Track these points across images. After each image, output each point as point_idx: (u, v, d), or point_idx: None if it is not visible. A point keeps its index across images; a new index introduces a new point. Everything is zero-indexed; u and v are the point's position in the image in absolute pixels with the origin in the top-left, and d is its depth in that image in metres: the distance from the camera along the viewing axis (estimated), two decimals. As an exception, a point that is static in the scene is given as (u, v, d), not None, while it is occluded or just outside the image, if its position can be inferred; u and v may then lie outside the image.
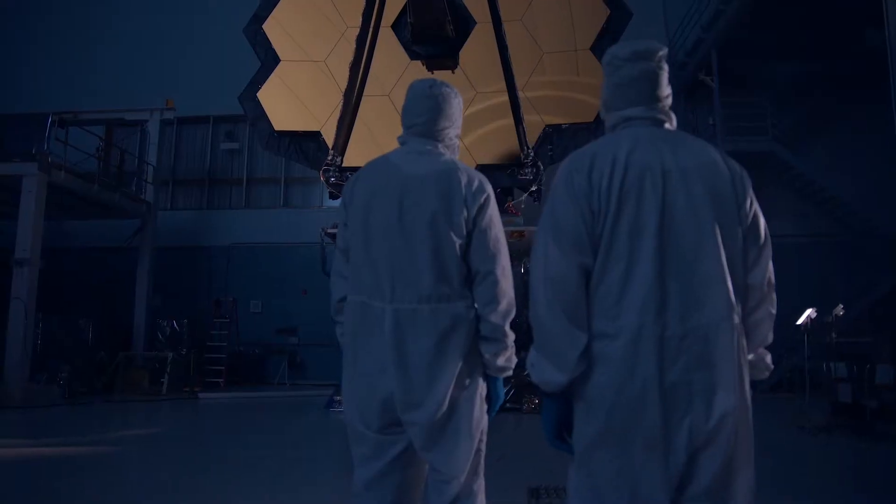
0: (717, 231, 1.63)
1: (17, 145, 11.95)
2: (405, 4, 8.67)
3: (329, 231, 8.26)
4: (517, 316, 2.22)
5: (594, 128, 8.54)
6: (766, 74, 15.26)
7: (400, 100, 7.21)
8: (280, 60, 9.14)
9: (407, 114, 2.27)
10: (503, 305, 2.10)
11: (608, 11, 8.95)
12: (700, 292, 1.59)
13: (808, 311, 7.38)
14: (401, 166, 2.18)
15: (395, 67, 8.98)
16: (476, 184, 2.14)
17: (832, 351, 8.00)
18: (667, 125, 1.80)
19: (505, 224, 6.77)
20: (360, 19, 8.50)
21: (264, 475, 5.02)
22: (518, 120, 8.12)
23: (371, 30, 8.59)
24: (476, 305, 2.11)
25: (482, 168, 8.54)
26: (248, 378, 14.79)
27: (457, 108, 2.28)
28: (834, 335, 7.90)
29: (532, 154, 8.08)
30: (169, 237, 15.66)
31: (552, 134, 8.56)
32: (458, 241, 2.08)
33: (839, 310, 7.67)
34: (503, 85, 8.32)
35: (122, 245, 14.60)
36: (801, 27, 13.41)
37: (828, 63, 14.59)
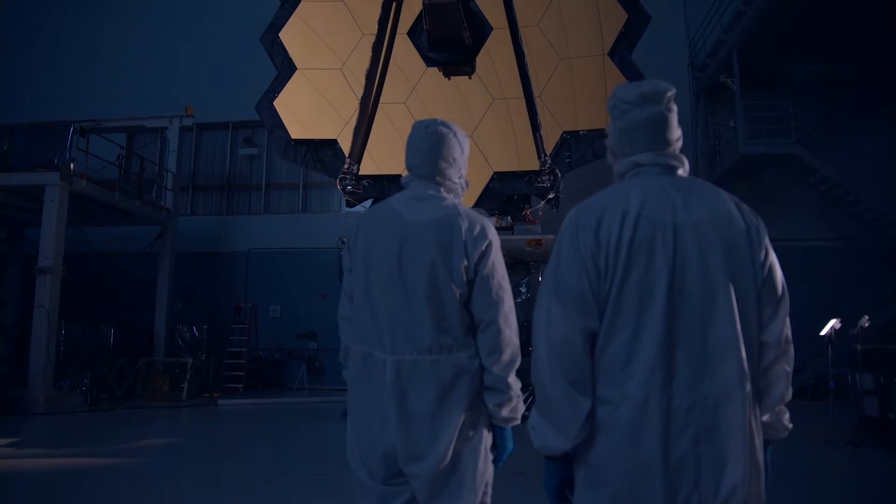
0: (731, 290, 1.55)
1: (41, 155, 12.14)
2: (421, 11, 8.62)
3: (346, 240, 8.24)
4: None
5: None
6: (788, 75, 15.01)
7: (417, 107, 7.22)
8: (296, 69, 9.15)
9: (408, 155, 2.24)
10: (507, 355, 2.05)
11: (626, 15, 8.85)
12: (711, 359, 1.51)
13: (833, 322, 7.20)
14: (402, 213, 2.14)
15: (411, 74, 8.95)
16: (477, 230, 2.08)
17: (858, 362, 7.81)
18: (679, 171, 1.71)
19: (523, 232, 6.72)
20: (377, 27, 8.47)
21: (284, 490, 5.00)
22: (535, 127, 8.04)
23: (387, 37, 8.56)
24: (479, 355, 2.06)
25: (499, 175, 8.50)
26: (268, 383, 14.88)
27: (457, 149, 2.22)
28: (859, 347, 7.70)
29: (549, 161, 7.99)
30: (189, 243, 15.78)
31: (570, 141, 8.48)
32: (458, 291, 2.03)
33: (864, 321, 7.48)
34: (520, 91, 8.25)
35: (143, 251, 14.73)
36: (824, 27, 13.15)
37: (852, 63, 14.32)
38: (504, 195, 8.57)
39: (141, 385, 13.17)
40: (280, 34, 9.32)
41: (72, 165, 11.83)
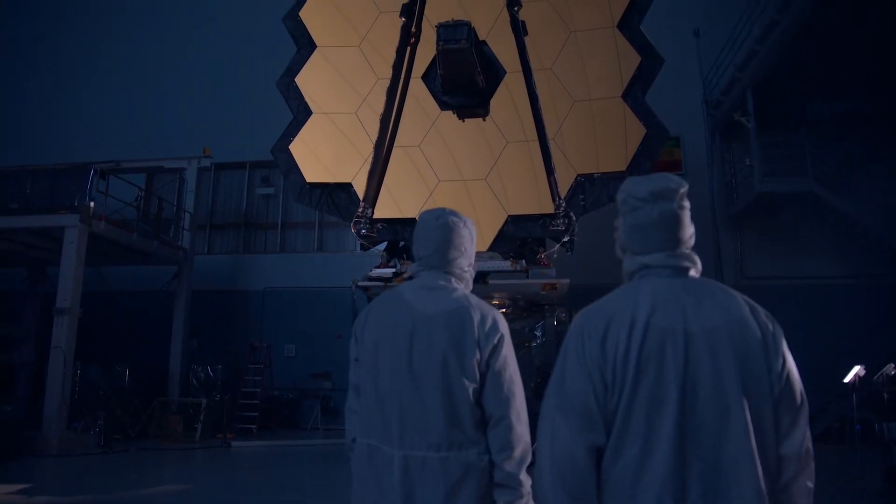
0: (745, 403, 1.46)
1: (62, 197, 12.34)
2: (435, 56, 8.72)
3: (360, 284, 8.22)
4: (550, 366, 2.11)
5: (626, 177, 8.39)
6: (804, 113, 14.95)
7: (431, 150, 7.25)
8: (312, 112, 9.25)
9: (416, 245, 2.22)
10: (518, 452, 1.99)
11: (640, 58, 8.87)
12: (725, 477, 1.43)
13: (856, 369, 7.03)
14: (412, 303, 2.11)
15: (426, 118, 9.02)
16: (489, 323, 2.05)
17: (885, 409, 7.59)
18: (691, 272, 1.65)
19: (538, 276, 6.65)
20: (391, 71, 8.57)
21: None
22: (549, 170, 8.03)
23: (402, 81, 8.65)
24: (489, 451, 2.00)
25: (514, 218, 8.48)
26: (282, 423, 14.77)
27: (467, 238, 2.21)
28: (885, 396, 7.50)
29: (564, 204, 7.95)
30: (205, 281, 15.87)
31: (584, 184, 8.45)
32: (471, 386, 1.98)
33: (890, 369, 7.29)
34: (534, 134, 8.26)
35: (159, 290, 14.83)
36: (839, 65, 13.14)
37: (868, 100, 14.26)
38: (518, 238, 8.52)
39: (155, 426, 13.13)
40: (296, 79, 9.46)
41: (91, 206, 12.03)
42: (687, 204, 1.67)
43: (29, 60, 19.46)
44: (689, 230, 1.66)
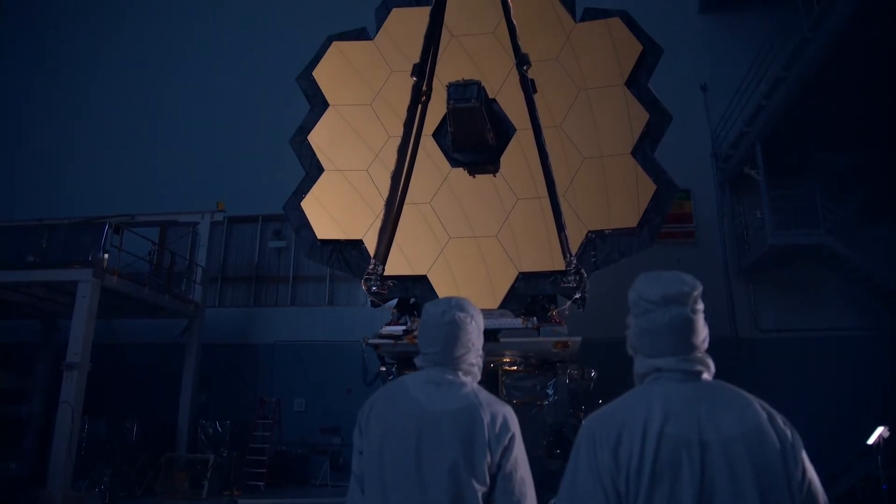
0: None
1: (77, 251, 12.48)
2: (446, 114, 8.83)
3: (370, 341, 8.17)
4: (563, 425, 2.03)
5: (637, 232, 8.39)
6: (814, 165, 14.98)
7: (441, 207, 7.27)
8: (324, 170, 9.35)
9: (422, 340, 2.18)
10: None
11: (648, 115, 8.95)
12: None
13: (880, 430, 6.86)
14: (418, 400, 2.05)
15: (436, 175, 9.10)
16: (500, 423, 1.99)
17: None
18: (704, 375, 1.61)
19: (549, 334, 6.57)
20: (402, 129, 8.67)
21: None
22: (560, 227, 8.00)
23: (413, 139, 8.73)
24: None
25: (525, 275, 8.44)
26: (291, 479, 14.52)
27: (474, 333, 2.16)
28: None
29: (575, 261, 7.91)
30: (216, 334, 15.87)
31: (595, 240, 8.43)
32: (480, 490, 1.92)
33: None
34: (545, 191, 8.27)
35: (170, 342, 14.82)
36: (847, 119, 13.22)
37: (879, 152, 14.28)
38: (530, 295, 8.47)
39: (161, 482, 12.94)
40: (308, 136, 9.59)
41: (105, 258, 12.15)
42: (701, 306, 1.62)
43: (48, 114, 19.96)
44: (702, 334, 1.61)
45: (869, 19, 10.00)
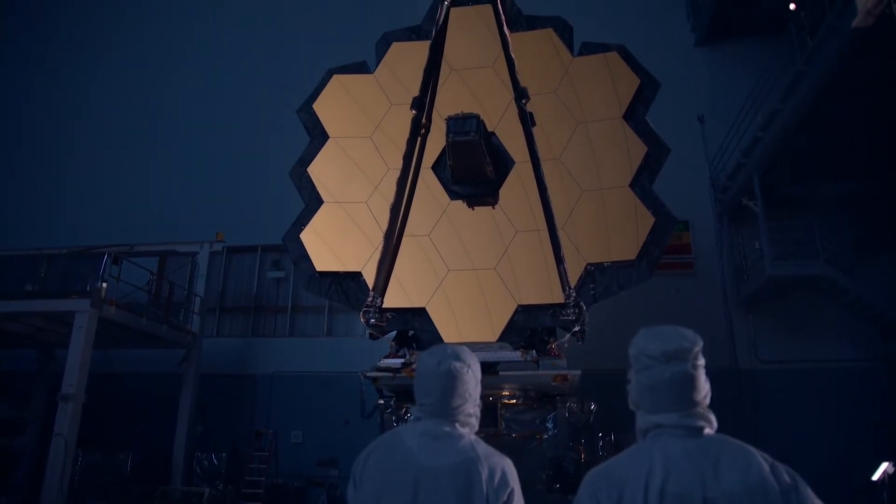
0: None
1: (75, 281, 12.45)
2: (445, 146, 8.88)
3: (368, 374, 8.12)
4: (562, 458, 1.99)
5: (636, 265, 8.38)
6: (812, 195, 15.05)
7: (440, 240, 7.26)
8: (323, 202, 9.38)
9: (418, 390, 2.14)
10: None
11: (646, 148, 9.01)
12: None
13: (884, 466, 6.79)
14: (415, 452, 2.02)
15: (435, 207, 9.12)
16: (498, 477, 1.96)
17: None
18: (706, 430, 1.60)
19: (548, 367, 6.53)
20: (402, 161, 8.72)
21: None
22: (559, 259, 8.02)
23: (412, 171, 8.79)
24: None
25: (524, 308, 8.42)
26: (287, 512, 14.32)
27: (472, 383, 2.12)
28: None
29: (574, 294, 7.91)
30: (213, 364, 15.78)
31: (594, 273, 8.42)
32: None
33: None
34: (544, 223, 8.30)
35: (167, 372, 14.72)
36: (845, 150, 13.30)
37: (877, 182, 14.34)
38: (529, 328, 8.44)
39: (155, 518, 12.75)
40: (308, 168, 9.63)
41: (104, 287, 12.12)
42: (702, 362, 1.61)
43: (48, 143, 20.08)
44: (703, 390, 1.60)
45: (862, 54, 10.13)
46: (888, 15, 8.65)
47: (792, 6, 13.01)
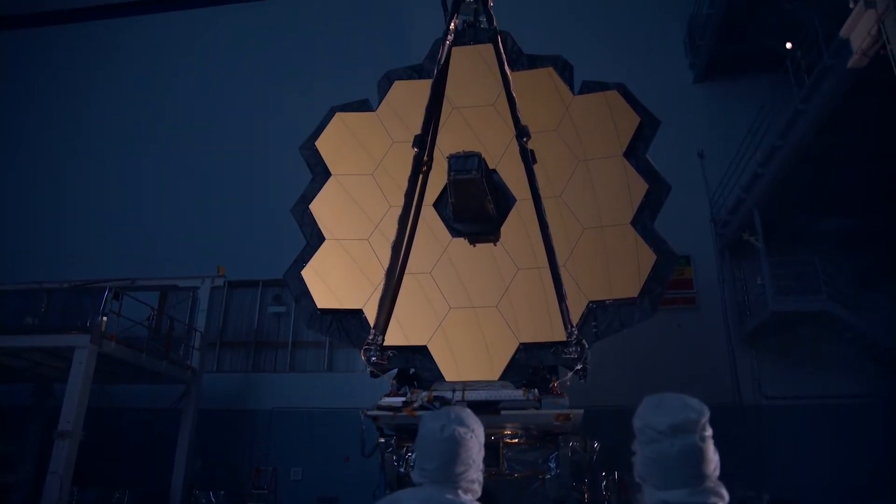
0: None
1: (75, 316, 12.42)
2: (446, 184, 8.91)
3: (368, 413, 8.03)
4: (565, 499, 1.93)
5: (639, 302, 8.35)
6: (813, 230, 15.09)
7: (442, 277, 7.24)
8: (325, 239, 9.38)
9: (419, 454, 2.10)
10: None
11: (647, 186, 9.03)
12: None
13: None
14: None
15: (437, 245, 9.11)
16: None
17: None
18: None
19: (550, 406, 6.45)
20: (403, 199, 8.75)
21: None
22: (561, 297, 7.98)
23: (413, 209, 8.81)
24: None
25: (526, 346, 8.36)
26: (285, 551, 14.09)
27: (475, 449, 2.08)
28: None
29: (576, 332, 7.85)
30: (213, 400, 15.66)
31: (596, 310, 8.38)
32: None
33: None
34: (545, 261, 8.28)
35: (166, 407, 14.60)
36: (844, 185, 13.37)
37: (878, 216, 14.38)
38: (530, 366, 8.37)
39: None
40: (310, 206, 9.65)
41: (104, 321, 12.08)
42: (709, 432, 1.58)
43: (51, 177, 20.19)
44: (713, 462, 1.57)
45: (858, 93, 10.24)
46: (883, 56, 8.75)
47: (788, 45, 13.20)
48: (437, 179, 9.13)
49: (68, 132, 20.78)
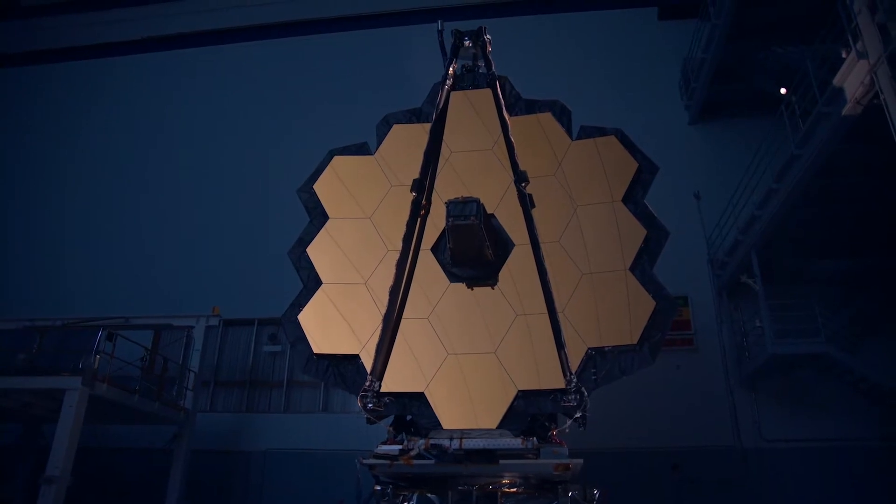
0: None
1: (67, 357, 12.28)
2: (444, 229, 8.89)
3: (365, 462, 7.88)
4: None
5: (638, 349, 8.28)
6: (811, 271, 15.11)
7: (439, 323, 7.17)
8: (322, 282, 9.31)
9: None
10: None
11: (645, 231, 9.02)
12: None
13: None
14: None
15: (435, 290, 9.04)
16: None
17: None
18: None
19: (549, 455, 6.33)
20: (401, 244, 8.72)
21: None
22: (560, 344, 7.92)
23: (411, 253, 8.78)
24: None
25: (524, 393, 8.26)
26: None
27: None
28: None
29: (575, 379, 7.77)
30: (206, 440, 15.43)
31: (595, 357, 8.30)
32: None
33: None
34: (544, 307, 8.24)
35: (158, 448, 14.37)
36: (841, 227, 13.42)
37: (875, 259, 14.42)
38: (529, 414, 8.26)
39: None
40: (307, 249, 9.59)
41: (97, 360, 11.93)
42: None
43: (47, 213, 20.17)
44: None
45: (852, 139, 10.33)
46: (876, 105, 8.84)
47: (783, 90, 13.36)
48: (436, 224, 9.10)
49: (63, 169, 20.85)
